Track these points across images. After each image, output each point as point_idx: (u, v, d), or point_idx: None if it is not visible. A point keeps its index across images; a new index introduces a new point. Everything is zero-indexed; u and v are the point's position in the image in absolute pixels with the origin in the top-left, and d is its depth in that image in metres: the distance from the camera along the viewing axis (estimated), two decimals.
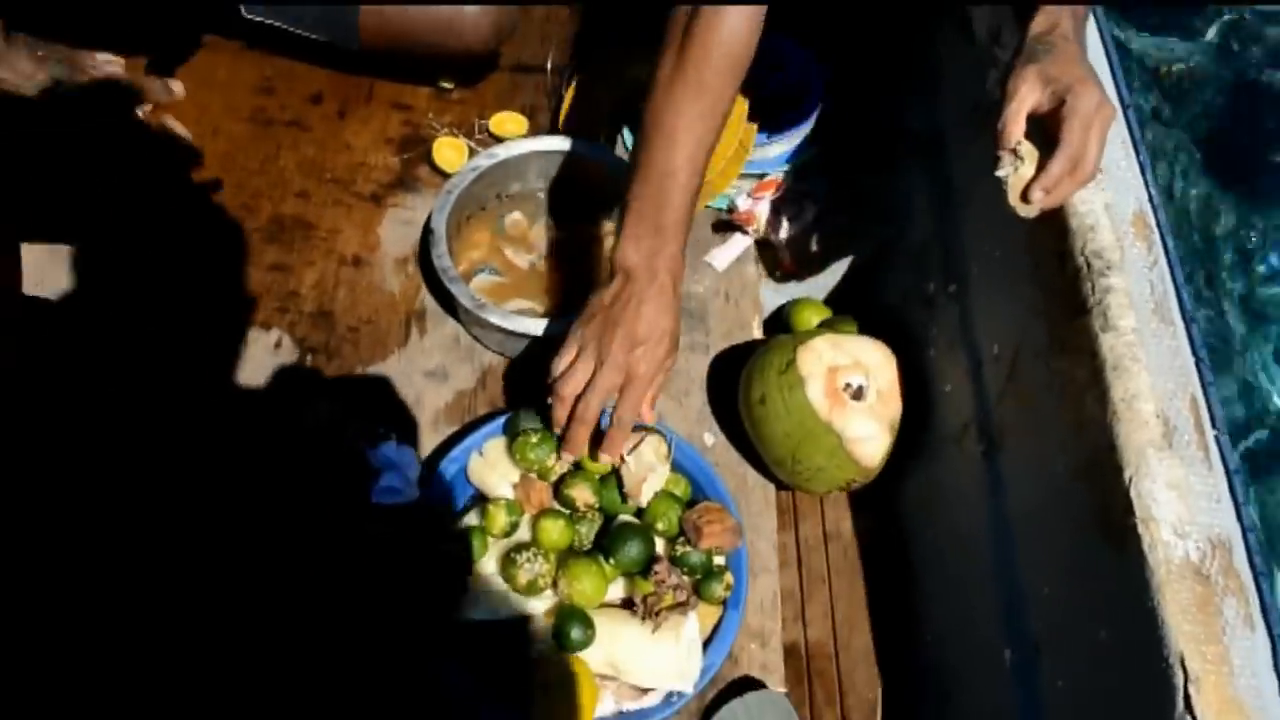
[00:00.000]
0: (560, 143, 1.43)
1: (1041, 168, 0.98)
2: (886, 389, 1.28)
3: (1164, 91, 3.09)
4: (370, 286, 1.44)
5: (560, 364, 1.08)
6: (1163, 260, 1.08)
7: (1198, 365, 1.01)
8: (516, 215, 1.47)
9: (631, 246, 1.08)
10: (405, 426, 1.31)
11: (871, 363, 1.28)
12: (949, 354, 1.30)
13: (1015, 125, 0.97)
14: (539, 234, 1.46)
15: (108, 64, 1.53)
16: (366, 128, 1.61)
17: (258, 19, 1.47)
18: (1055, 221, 1.09)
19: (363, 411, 1.30)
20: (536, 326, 1.25)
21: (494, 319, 1.24)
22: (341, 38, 1.49)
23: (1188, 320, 1.04)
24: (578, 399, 1.07)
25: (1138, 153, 1.14)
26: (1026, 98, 0.97)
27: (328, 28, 1.49)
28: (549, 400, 1.10)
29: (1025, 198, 0.99)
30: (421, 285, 1.45)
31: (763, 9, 1.10)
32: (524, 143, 1.43)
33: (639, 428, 1.20)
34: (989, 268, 1.24)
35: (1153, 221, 1.10)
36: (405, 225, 1.51)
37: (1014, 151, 0.98)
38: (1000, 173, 0.98)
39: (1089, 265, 1.04)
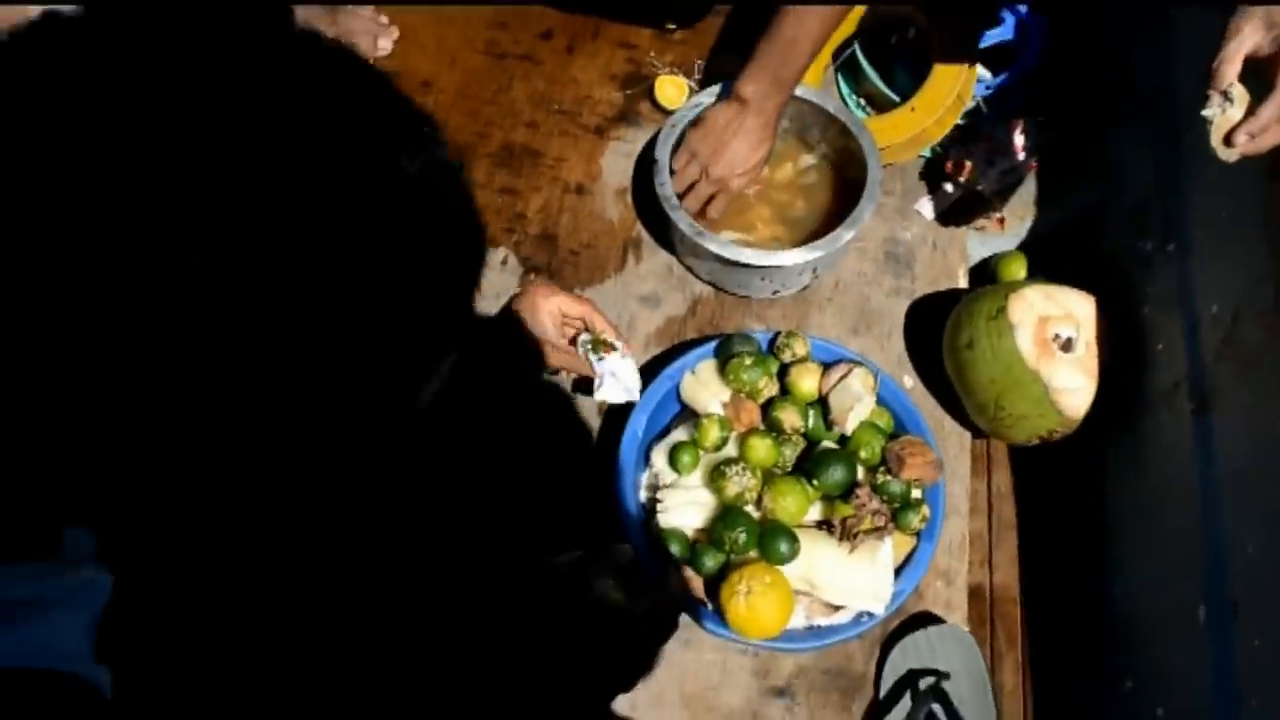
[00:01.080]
0: None
1: (1251, 112, 0.97)
2: (1094, 342, 1.28)
3: None
4: (591, 214, 1.52)
5: (679, 163, 1.37)
6: None
7: None
8: None
9: (752, 85, 1.30)
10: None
11: (1082, 315, 1.28)
12: (1163, 313, 1.29)
13: (1230, 65, 0.96)
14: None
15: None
16: (593, 63, 1.68)
17: None
18: None
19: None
20: (750, 255, 1.30)
21: (711, 246, 1.30)
22: None
23: None
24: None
25: None
26: (1248, 38, 0.96)
27: None
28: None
29: (1229, 141, 0.98)
30: (637, 216, 1.52)
31: None
32: None
33: (847, 360, 1.25)
34: (1214, 228, 1.23)
35: None
36: (626, 158, 1.58)
37: (1224, 93, 0.97)
38: (1207, 112, 0.98)
39: None
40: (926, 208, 1.55)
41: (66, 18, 0.51)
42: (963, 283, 1.51)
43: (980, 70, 1.59)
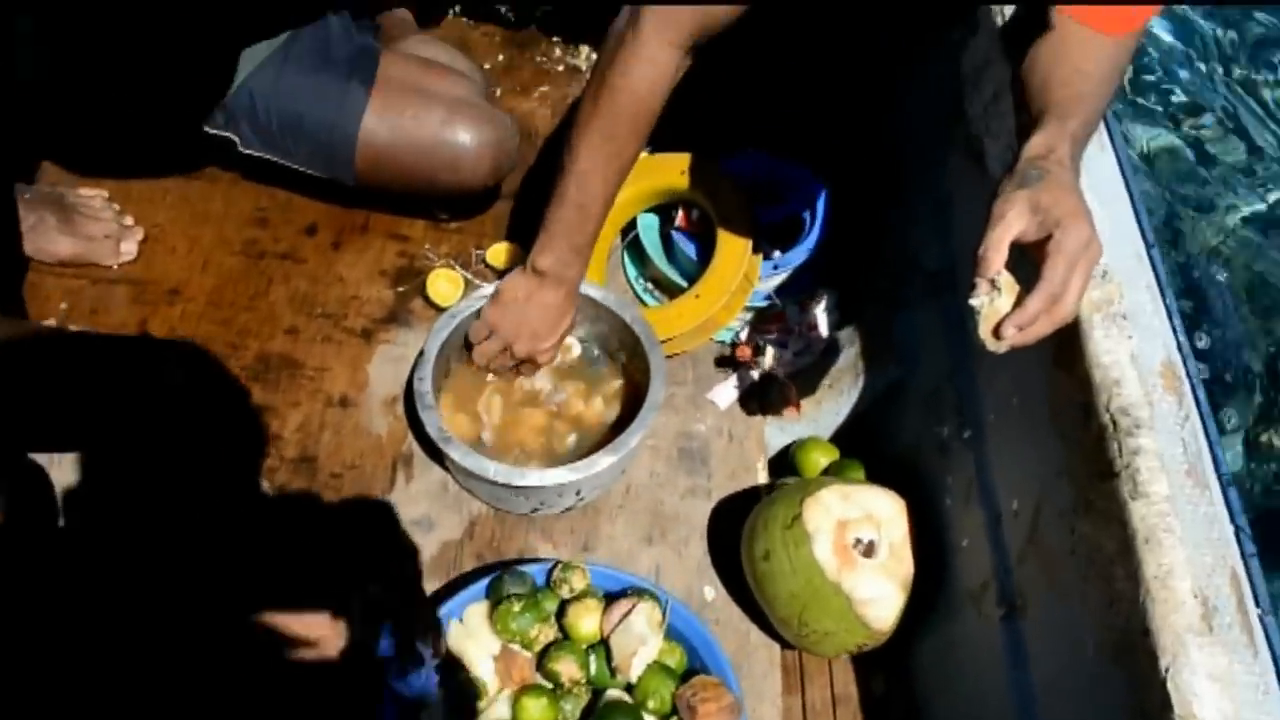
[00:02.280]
0: None
1: (1019, 302, 0.90)
2: (899, 543, 1.19)
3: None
4: (356, 429, 1.37)
5: (477, 336, 1.33)
6: (1194, 415, 0.99)
7: (1237, 535, 0.92)
8: None
9: (548, 256, 1.26)
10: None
11: (883, 515, 1.20)
12: (965, 506, 1.21)
13: (996, 254, 0.89)
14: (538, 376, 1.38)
15: (92, 200, 1.51)
16: (361, 259, 1.56)
17: (255, 153, 1.44)
18: (1076, 372, 1.01)
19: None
20: (496, 471, 1.17)
21: (454, 454, 1.17)
22: (338, 173, 1.46)
23: (1224, 483, 0.95)
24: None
25: (1164, 296, 1.07)
26: (1013, 224, 0.89)
27: (324, 164, 1.45)
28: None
29: (998, 333, 0.91)
30: (409, 427, 1.38)
31: (670, 71, 1.17)
32: None
33: (633, 590, 1.13)
34: (1007, 416, 1.16)
35: (1182, 372, 1.02)
36: (395, 362, 1.45)
37: (992, 282, 0.90)
38: (974, 302, 0.90)
39: (1115, 423, 0.96)
40: (721, 396, 1.46)
41: None
42: (762, 477, 1.41)
43: (767, 247, 1.54)
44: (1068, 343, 1.03)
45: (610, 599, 1.14)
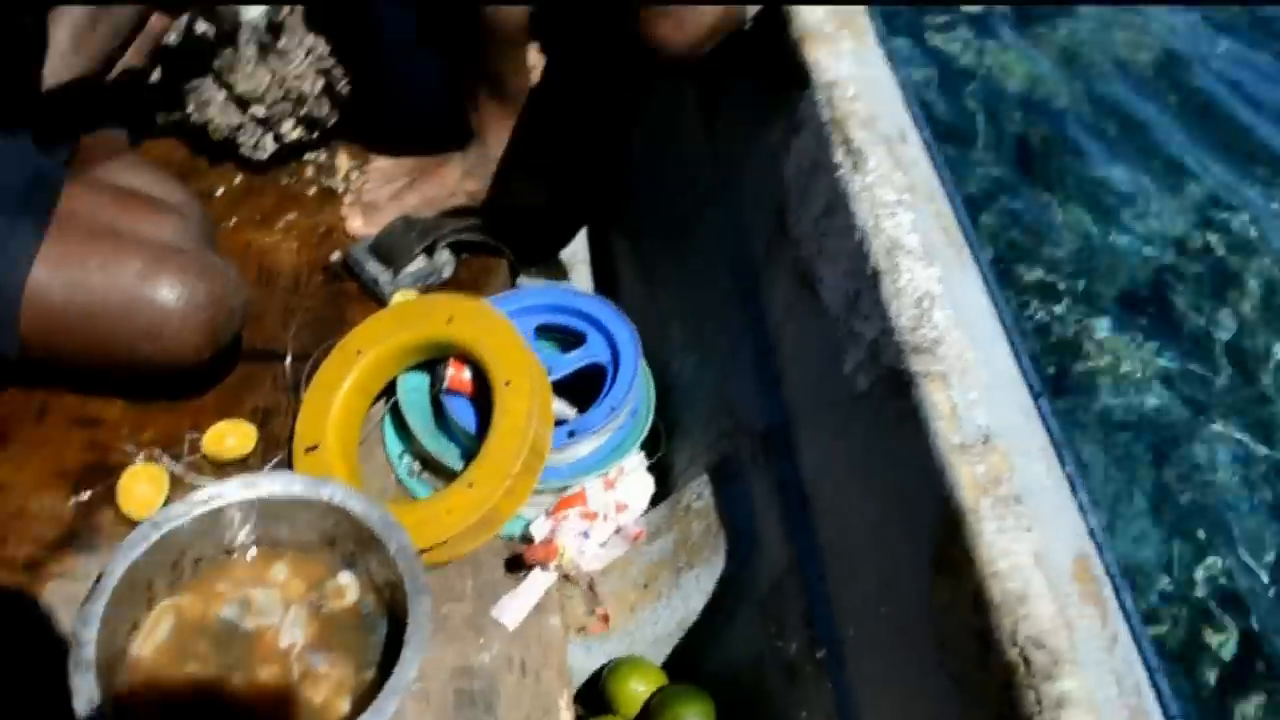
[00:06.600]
0: (288, 483, 0.95)
1: None
2: None
3: None
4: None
5: None
6: (1122, 629, 0.71)
7: None
8: None
9: None
10: None
11: None
12: None
13: None
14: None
15: None
16: (33, 458, 1.18)
17: None
18: (964, 581, 0.72)
19: None
20: None
21: None
22: None
23: None
24: None
25: (1062, 461, 0.79)
26: None
27: None
28: None
29: None
30: None
31: None
32: (231, 487, 0.94)
33: None
34: (873, 631, 0.86)
35: (1099, 566, 0.74)
36: (75, 603, 1.06)
37: None
38: None
39: (1027, 661, 0.67)
40: (508, 613, 1.11)
41: None
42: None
43: (561, 407, 1.23)
44: (950, 534, 0.75)
45: None
